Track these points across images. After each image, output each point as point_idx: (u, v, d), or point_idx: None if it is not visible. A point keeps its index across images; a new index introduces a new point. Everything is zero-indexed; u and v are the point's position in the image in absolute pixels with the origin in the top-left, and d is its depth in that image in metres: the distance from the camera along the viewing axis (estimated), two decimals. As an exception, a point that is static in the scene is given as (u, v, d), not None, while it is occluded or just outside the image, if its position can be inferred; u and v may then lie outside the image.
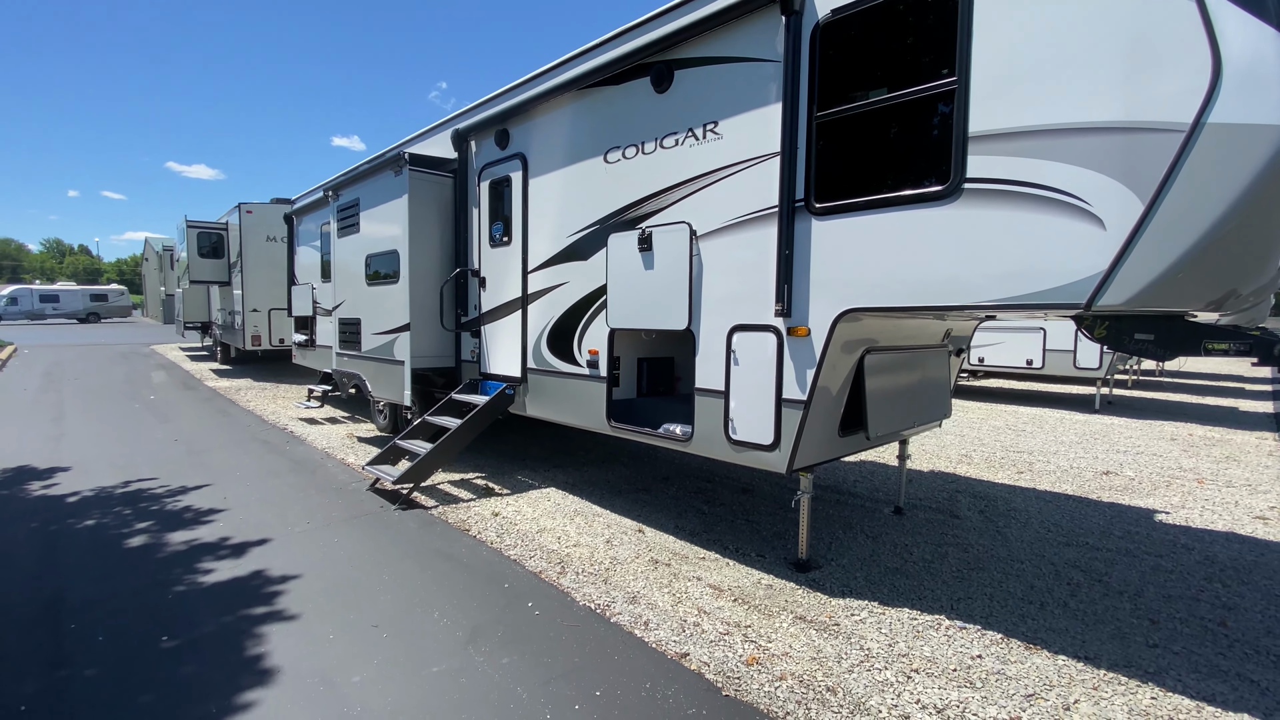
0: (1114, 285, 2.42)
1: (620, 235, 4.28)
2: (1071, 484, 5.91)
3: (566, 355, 4.89)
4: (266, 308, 12.44)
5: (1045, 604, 3.43)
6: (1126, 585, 3.69)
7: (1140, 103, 2.33)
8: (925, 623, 3.20)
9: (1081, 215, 2.48)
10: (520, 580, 3.62)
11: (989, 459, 6.86)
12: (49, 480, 5.40)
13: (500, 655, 2.83)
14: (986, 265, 2.73)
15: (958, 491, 5.59)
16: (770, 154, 3.44)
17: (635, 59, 4.12)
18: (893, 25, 3.05)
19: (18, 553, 3.91)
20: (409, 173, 5.83)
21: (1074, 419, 9.47)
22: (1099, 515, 4.99)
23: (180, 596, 3.35)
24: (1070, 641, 3.04)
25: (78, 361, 15.01)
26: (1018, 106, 2.61)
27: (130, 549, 3.97)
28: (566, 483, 5.62)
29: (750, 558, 4.02)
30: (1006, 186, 2.65)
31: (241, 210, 12.18)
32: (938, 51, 2.86)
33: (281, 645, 2.88)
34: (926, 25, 2.95)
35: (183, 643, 2.90)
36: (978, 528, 4.64)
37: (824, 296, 3.27)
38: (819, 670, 2.77)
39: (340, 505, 4.92)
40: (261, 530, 4.31)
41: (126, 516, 4.55)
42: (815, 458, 3.65)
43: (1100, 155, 2.43)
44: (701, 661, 2.82)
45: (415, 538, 4.27)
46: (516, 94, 5.23)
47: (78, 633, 2.98)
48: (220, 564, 3.75)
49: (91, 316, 36.59)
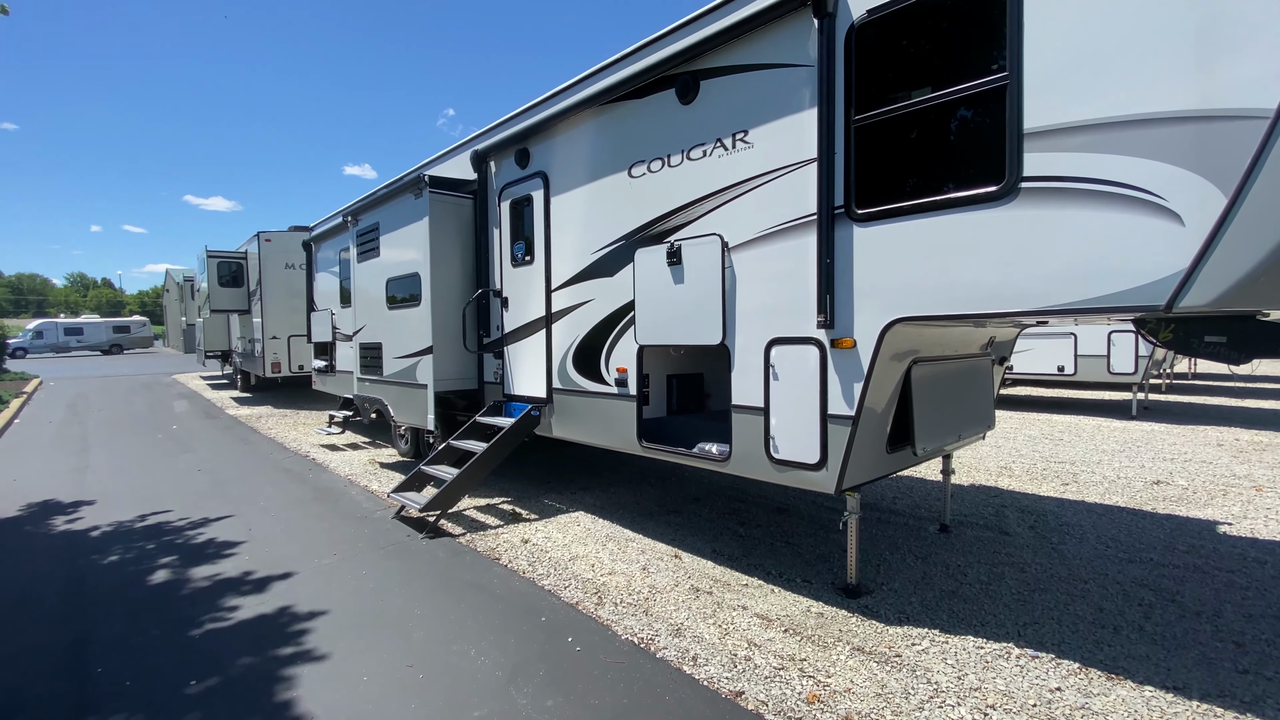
0: (1197, 284, 2.24)
1: (647, 250, 4.16)
2: (1122, 495, 5.64)
3: (594, 374, 4.75)
4: (286, 334, 12.48)
5: (1119, 628, 3.20)
6: (1202, 605, 3.45)
7: (1216, 88, 2.17)
8: (993, 651, 2.99)
9: (1156, 211, 2.32)
10: (557, 612, 3.46)
11: (1030, 470, 6.60)
12: (73, 514, 5.34)
13: (544, 697, 2.66)
14: (1048, 267, 2.56)
15: (1003, 506, 5.35)
16: (806, 161, 3.32)
17: (658, 72, 4.04)
18: (933, 21, 2.92)
19: (44, 591, 3.82)
20: (429, 195, 5.79)
21: (1112, 426, 9.15)
22: (1158, 528, 4.73)
23: (206, 636, 3.22)
24: (1154, 670, 2.81)
25: (101, 393, 15.15)
26: (1077, 99, 2.46)
27: (154, 585, 3.86)
28: (595, 506, 5.46)
29: (796, 583, 3.83)
30: (1068, 184, 2.50)
31: (260, 239, 12.28)
32: (985, 45, 2.73)
33: (312, 688, 2.74)
34: (971, 18, 2.82)
35: (210, 687, 2.76)
36: (1031, 545, 4.41)
37: (870, 306, 3.12)
38: (886, 708, 2.56)
39: (366, 535, 4.79)
40: (286, 563, 4.18)
41: (150, 551, 4.45)
42: (863, 476, 3.47)
43: (1173, 147, 2.27)
44: (759, 700, 2.63)
45: (445, 568, 4.12)
46: (536, 113, 5.17)
47: (105, 677, 2.86)
48: (245, 600, 3.62)
49: (114, 348, 37.16)
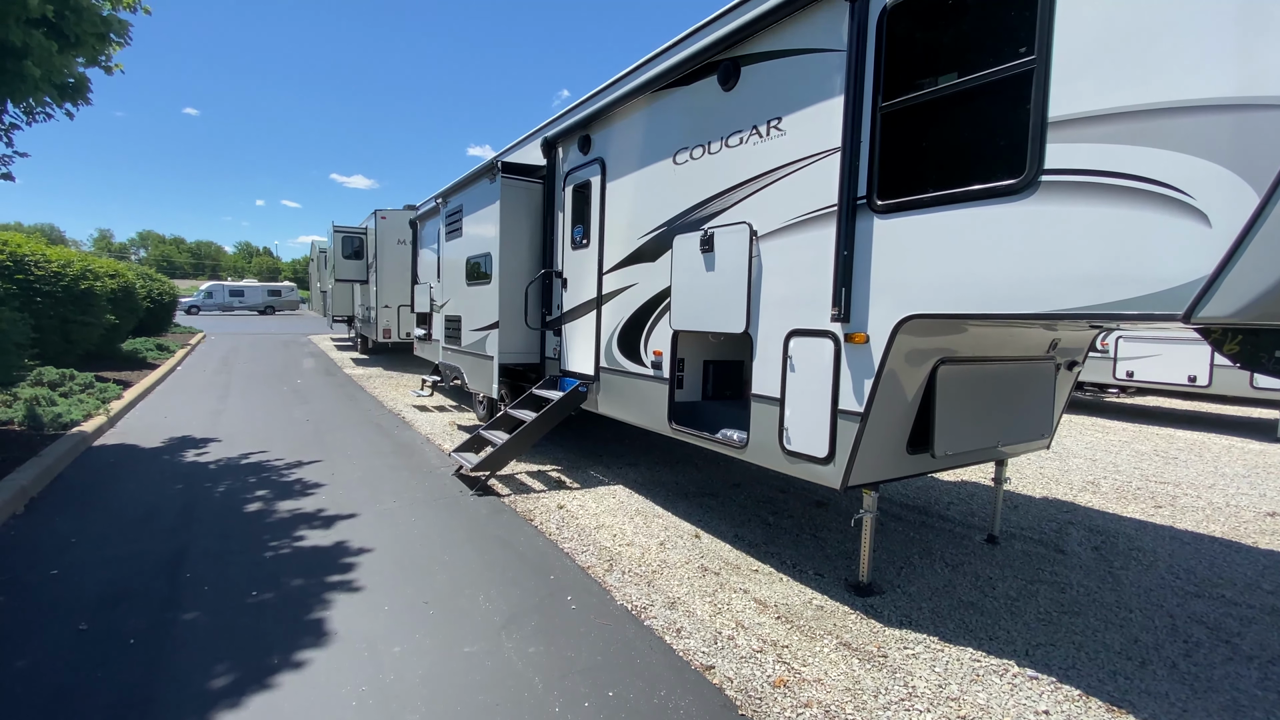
0: (1220, 293, 2.03)
1: (684, 236, 4.24)
2: (1223, 524, 5.01)
3: (634, 355, 4.93)
4: (396, 304, 13.69)
5: (1147, 661, 2.95)
6: (1261, 650, 3.07)
7: (1258, 74, 1.93)
8: (989, 666, 2.87)
9: (1181, 210, 2.10)
10: (567, 573, 3.71)
11: (1121, 489, 5.99)
12: (202, 449, 6.33)
13: (528, 644, 2.92)
14: (1064, 268, 2.40)
15: (1070, 523, 4.94)
16: (833, 149, 3.25)
17: (703, 58, 4.07)
18: (963, 3, 2.76)
19: (165, 508, 4.62)
20: (501, 180, 6.17)
21: (1246, 448, 8.02)
22: (1249, 564, 4.19)
23: (275, 558, 3.79)
24: (1166, 709, 2.59)
25: (249, 349, 17.43)
26: (1105, 85, 2.26)
27: (248, 513, 4.56)
28: (636, 481, 5.67)
29: (807, 575, 3.83)
30: (1090, 178, 2.31)
31: (377, 216, 13.49)
32: (1013, 27, 2.55)
33: (342, 612, 3.18)
34: (1003, 0, 2.64)
35: (266, 600, 3.28)
36: (1085, 566, 4.08)
37: (884, 301, 3.04)
38: (850, 703, 2.58)
39: (425, 487, 5.32)
40: (353, 505, 4.76)
41: (251, 485, 5.22)
42: (875, 475, 3.39)
43: (1207, 138, 2.04)
44: (726, 676, 2.73)
45: (482, 523, 4.51)
46: (598, 100, 5.34)
47: (190, 581, 3.47)
48: (312, 533, 4.19)
49: (268, 309, 42.44)
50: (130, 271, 15.12)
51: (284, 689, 2.55)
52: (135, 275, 15.35)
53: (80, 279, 9.94)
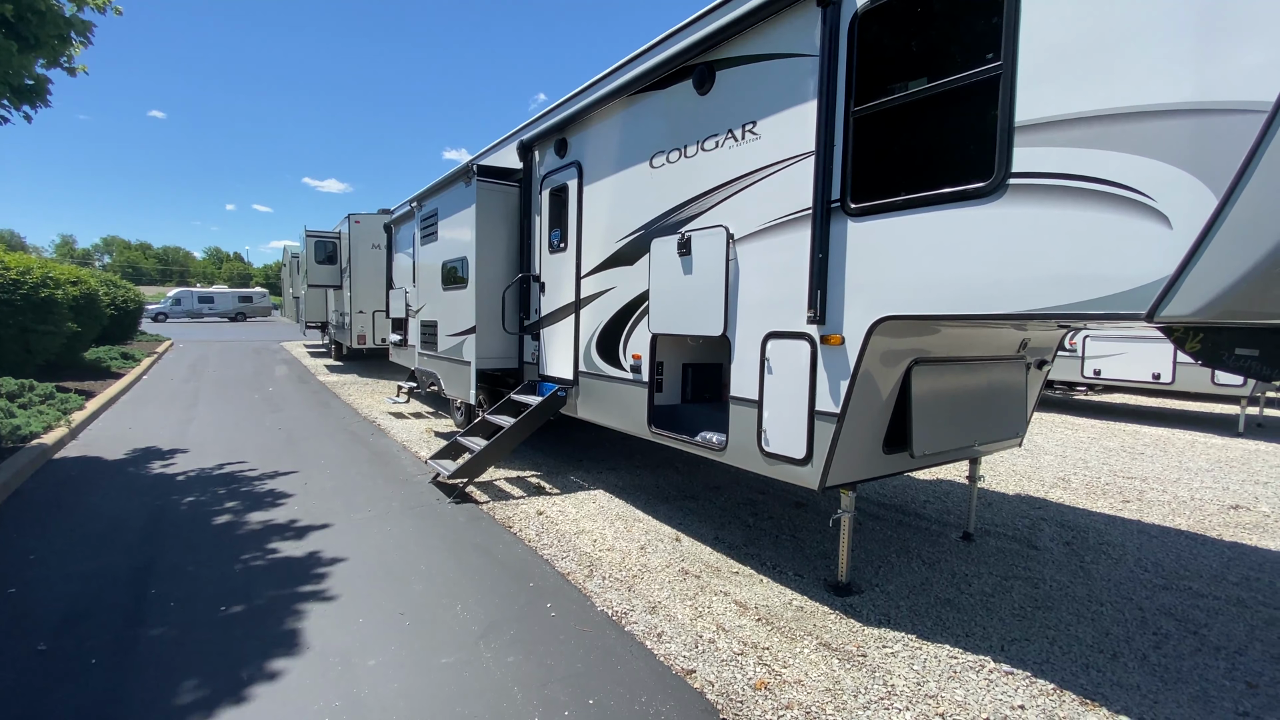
0: (1181, 292, 2.08)
1: (662, 240, 4.24)
2: (1188, 518, 5.15)
3: (613, 359, 4.91)
4: (371, 310, 13.48)
5: (1119, 654, 3.01)
6: (1227, 641, 3.16)
7: (1215, 80, 1.99)
8: (966, 663, 2.90)
9: (1143, 212, 2.16)
10: (546, 580, 3.68)
11: (1090, 484, 6.13)
12: (168, 460, 6.16)
13: (507, 654, 2.88)
14: (1033, 269, 2.44)
15: (1043, 519, 5.04)
16: (807, 153, 3.28)
17: (679, 62, 4.08)
18: (933, 9, 2.81)
19: (129, 522, 4.47)
20: (477, 183, 6.11)
21: (1209, 443, 8.27)
22: (1214, 556, 4.31)
23: (245, 571, 3.69)
24: (1138, 701, 2.64)
25: (220, 356, 17.03)
26: (1069, 90, 2.32)
27: (217, 525, 4.43)
28: (616, 486, 5.65)
29: (787, 576, 3.84)
30: (1056, 181, 2.36)
31: (350, 220, 13.30)
32: (981, 34, 2.60)
33: (316, 623, 3.10)
34: (970, 5, 2.69)
35: (235, 614, 3.19)
36: (1057, 561, 4.16)
37: (859, 303, 3.07)
38: (830, 703, 2.58)
39: (401, 495, 5.23)
40: (327, 516, 4.66)
41: (221, 496, 5.09)
42: (853, 475, 3.42)
43: (1166, 142, 2.10)
44: (706, 680, 2.72)
45: (460, 531, 4.45)
46: (574, 103, 5.33)
47: (155, 596, 3.36)
48: (284, 544, 4.09)
49: (239, 315, 41.50)
50: (93, 278, 14.65)
51: (255, 704, 2.48)
52: (99, 282, 14.88)
53: (41, 286, 9.61)
